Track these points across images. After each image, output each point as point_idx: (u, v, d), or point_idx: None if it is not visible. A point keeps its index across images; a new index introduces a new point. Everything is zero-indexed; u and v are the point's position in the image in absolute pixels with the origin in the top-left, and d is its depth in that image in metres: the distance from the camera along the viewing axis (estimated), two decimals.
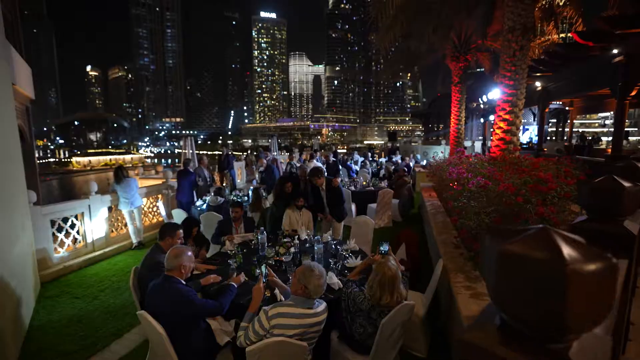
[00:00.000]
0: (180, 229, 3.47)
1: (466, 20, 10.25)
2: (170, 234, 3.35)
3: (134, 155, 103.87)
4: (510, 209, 2.97)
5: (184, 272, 2.55)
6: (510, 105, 6.93)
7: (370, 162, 13.86)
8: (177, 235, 3.38)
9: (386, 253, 2.85)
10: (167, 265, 2.52)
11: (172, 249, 2.62)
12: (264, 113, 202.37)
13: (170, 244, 3.27)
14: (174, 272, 2.51)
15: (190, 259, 2.60)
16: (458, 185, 4.39)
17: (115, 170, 6.03)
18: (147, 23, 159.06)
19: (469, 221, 3.03)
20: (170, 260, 2.51)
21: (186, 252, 2.59)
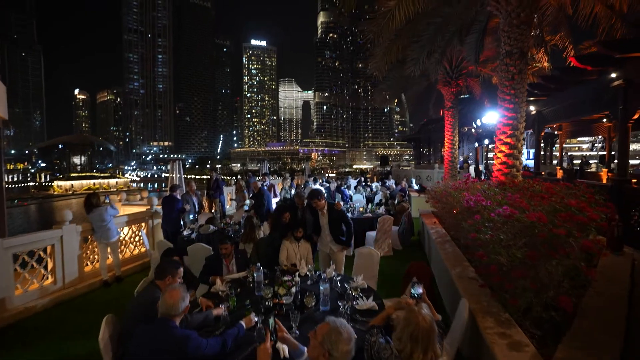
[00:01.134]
0: (182, 267, 2.99)
1: (457, 46, 10.43)
2: (172, 272, 2.86)
3: (119, 179, 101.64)
4: (546, 241, 2.61)
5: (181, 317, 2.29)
6: (511, 129, 6.80)
7: (363, 186, 13.55)
8: (179, 274, 2.91)
9: (420, 297, 2.42)
10: (169, 311, 2.18)
11: (173, 290, 2.26)
12: (254, 137, 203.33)
13: (170, 284, 2.80)
14: (175, 318, 2.21)
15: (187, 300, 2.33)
16: (472, 211, 4.05)
17: (86, 199, 5.45)
18: (138, 49, 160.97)
19: (499, 256, 2.65)
20: (173, 305, 2.18)
21: (187, 294, 2.32)
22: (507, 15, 6.62)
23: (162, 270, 2.84)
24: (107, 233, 5.43)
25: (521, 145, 6.94)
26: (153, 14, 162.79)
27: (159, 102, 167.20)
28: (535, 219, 2.68)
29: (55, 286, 4.94)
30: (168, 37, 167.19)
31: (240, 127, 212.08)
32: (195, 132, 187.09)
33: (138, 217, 6.79)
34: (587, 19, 7.58)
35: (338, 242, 4.53)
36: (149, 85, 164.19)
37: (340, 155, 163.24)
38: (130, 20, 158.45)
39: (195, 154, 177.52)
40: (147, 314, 2.41)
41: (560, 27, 8.70)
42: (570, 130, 13.00)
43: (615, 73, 6.01)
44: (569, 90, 7.97)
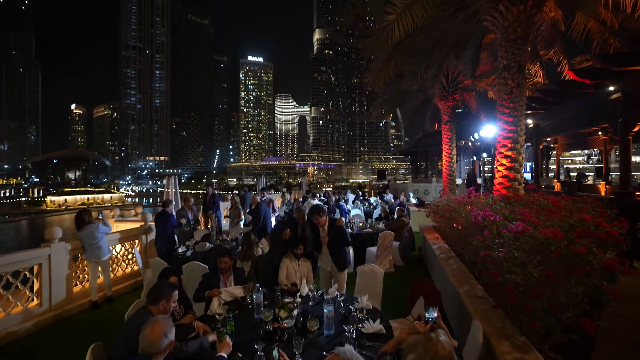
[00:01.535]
0: (177, 289, 2.78)
1: (454, 61, 10.55)
2: (167, 296, 2.63)
3: (113, 194, 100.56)
4: (562, 259, 2.47)
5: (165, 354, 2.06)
6: (511, 142, 6.76)
7: (361, 201, 13.41)
8: (174, 297, 2.69)
9: (435, 322, 2.24)
10: (150, 348, 1.98)
11: (156, 324, 2.05)
12: (250, 152, 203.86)
13: (165, 309, 2.60)
14: (157, 356, 1.99)
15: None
16: (479, 227, 3.91)
17: (77, 215, 5.22)
18: (136, 64, 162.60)
19: (514, 276, 2.49)
20: (154, 342, 1.98)
21: (172, 327, 2.11)
22: (504, 30, 6.68)
23: (155, 294, 2.64)
24: (98, 251, 5.20)
25: (522, 159, 6.89)
26: (151, 30, 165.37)
27: (156, 117, 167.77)
28: (551, 235, 2.55)
29: (41, 308, 4.66)
30: (166, 53, 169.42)
31: (236, 141, 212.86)
32: (192, 147, 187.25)
33: (131, 233, 6.56)
34: (581, 35, 7.71)
35: (335, 262, 4.35)
36: (146, 101, 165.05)
37: (337, 169, 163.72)
38: (128, 36, 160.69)
39: (191, 168, 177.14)
40: (134, 346, 2.20)
41: (555, 42, 8.83)
42: (565, 143, 13.06)
43: (613, 86, 6.03)
44: (567, 103, 8.01)
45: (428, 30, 8.14)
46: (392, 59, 8.06)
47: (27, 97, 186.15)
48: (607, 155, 10.88)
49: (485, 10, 6.93)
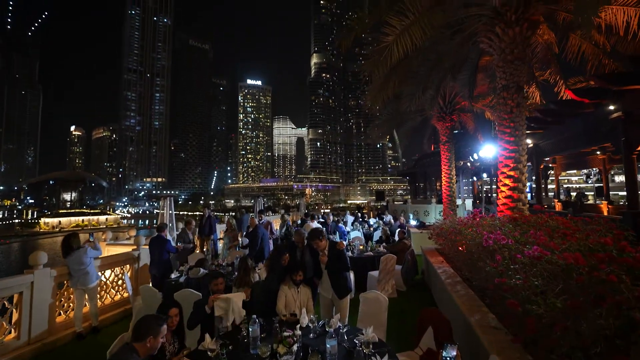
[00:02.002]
0: (165, 323, 2.52)
1: (451, 82, 10.68)
2: (155, 331, 2.36)
3: (109, 216, 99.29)
4: (587, 288, 2.26)
5: None
6: (513, 162, 6.67)
7: (360, 222, 13.14)
8: (162, 332, 2.42)
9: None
10: None
11: None
12: (248, 173, 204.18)
13: (152, 347, 2.33)
14: None
15: None
16: (489, 250, 3.71)
17: (64, 240, 4.94)
18: (136, 87, 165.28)
19: (535, 306, 2.27)
20: None
21: None
22: (501, 51, 6.75)
23: (142, 329, 2.37)
24: (85, 278, 4.89)
25: (525, 179, 6.78)
26: (153, 55, 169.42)
27: (154, 139, 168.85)
28: (572, 260, 2.35)
29: (19, 341, 4.31)
30: (166, 76, 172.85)
31: (234, 163, 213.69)
32: (190, 168, 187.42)
33: (122, 258, 6.26)
34: (575, 56, 7.83)
35: (334, 289, 4.09)
36: (145, 122, 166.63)
37: (335, 190, 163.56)
38: (130, 61, 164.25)
39: (188, 190, 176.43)
40: None
41: (550, 64, 8.95)
42: (564, 163, 13.05)
43: (613, 105, 6.02)
44: (566, 123, 8.01)
45: (425, 52, 8.23)
46: (390, 80, 8.10)
47: (27, 119, 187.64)
48: (607, 175, 10.81)
49: (482, 33, 7.03)
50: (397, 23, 5.79)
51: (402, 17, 5.79)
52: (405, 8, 5.66)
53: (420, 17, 5.72)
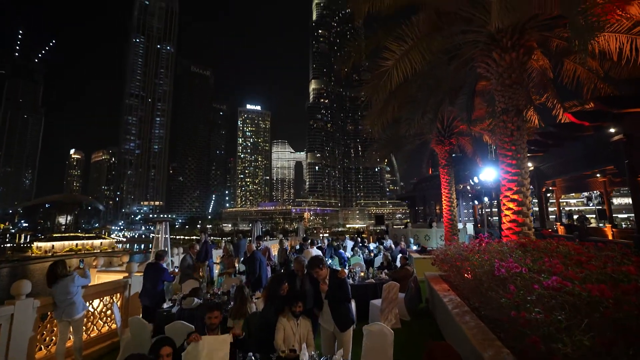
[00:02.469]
0: None
1: (449, 107, 10.79)
2: None
3: (104, 240, 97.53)
4: (615, 323, 2.06)
5: None
6: (516, 185, 6.57)
7: (360, 247, 12.83)
8: None
9: None
10: None
11: None
12: (246, 197, 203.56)
13: None
14: None
15: None
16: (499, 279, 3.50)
17: (50, 268, 4.64)
18: (137, 112, 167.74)
19: (561, 345, 2.06)
20: None
21: None
22: (499, 76, 6.82)
23: None
24: (70, 309, 4.59)
25: (529, 202, 6.65)
26: (155, 80, 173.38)
27: (153, 162, 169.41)
28: (598, 293, 2.17)
29: None
30: (167, 101, 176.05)
31: (232, 186, 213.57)
32: (188, 192, 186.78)
33: (112, 286, 5.94)
34: (571, 81, 7.95)
35: (335, 320, 3.83)
36: (144, 146, 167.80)
37: (333, 214, 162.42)
38: (132, 86, 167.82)
39: (186, 213, 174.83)
40: None
41: (547, 88, 9.08)
42: (564, 186, 12.96)
43: (614, 128, 6.01)
44: (566, 146, 8.00)
45: (424, 77, 8.34)
46: (390, 105, 8.15)
47: (27, 142, 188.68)
48: (608, 197, 10.71)
49: (479, 58, 7.14)
50: (397, 48, 5.86)
51: (401, 42, 5.87)
52: (404, 34, 5.75)
53: (419, 43, 5.81)
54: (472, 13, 6.62)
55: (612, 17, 6.16)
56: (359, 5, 6.13)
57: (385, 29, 6.58)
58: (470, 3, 6.48)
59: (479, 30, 6.80)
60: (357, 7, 6.21)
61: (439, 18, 6.44)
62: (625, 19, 6.07)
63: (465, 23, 6.85)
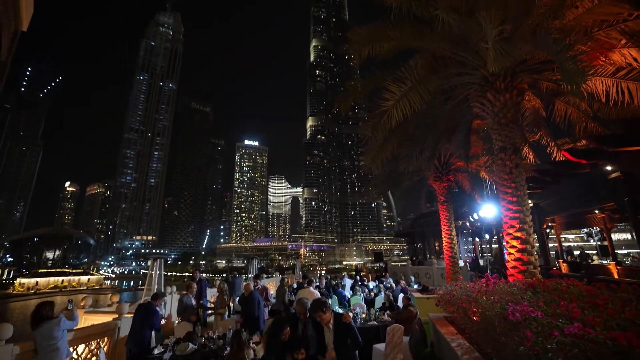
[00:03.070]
0: None
1: (445, 144, 11.03)
2: None
3: (92, 276, 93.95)
4: None
5: None
6: (519, 223, 6.52)
7: (360, 286, 12.40)
8: None
9: None
10: None
11: None
12: (241, 233, 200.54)
13: None
14: None
15: None
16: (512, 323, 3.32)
17: (36, 311, 4.34)
18: (136, 146, 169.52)
19: None
20: None
21: None
22: (494, 115, 7.03)
23: None
24: (53, 355, 4.23)
25: (533, 240, 6.57)
26: (155, 116, 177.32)
27: (149, 196, 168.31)
28: (625, 342, 2.04)
29: None
30: (167, 135, 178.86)
31: (228, 222, 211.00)
32: (182, 227, 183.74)
33: (99, 330, 5.56)
34: (563, 120, 8.25)
35: None
36: (141, 180, 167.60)
37: (330, 251, 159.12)
38: (133, 121, 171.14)
39: (179, 249, 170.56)
40: None
41: (540, 126, 9.38)
42: (564, 222, 12.92)
43: (610, 166, 6.10)
44: (564, 182, 8.09)
45: (421, 116, 8.58)
46: (389, 142, 8.31)
47: (22, 174, 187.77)
48: (609, 234, 10.64)
49: (475, 98, 7.41)
50: (396, 89, 6.09)
51: (400, 84, 6.10)
52: (404, 76, 6.00)
53: (417, 84, 6.04)
54: (465, 57, 6.99)
55: (597, 63, 6.55)
56: (359, 49, 6.45)
57: (385, 71, 6.88)
58: (463, 48, 6.86)
59: (473, 73, 7.13)
60: (357, 51, 6.52)
61: (436, 61, 6.77)
62: (609, 64, 6.45)
63: (459, 66, 7.20)
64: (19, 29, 5.24)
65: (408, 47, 6.77)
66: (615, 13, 5.79)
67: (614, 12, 5.79)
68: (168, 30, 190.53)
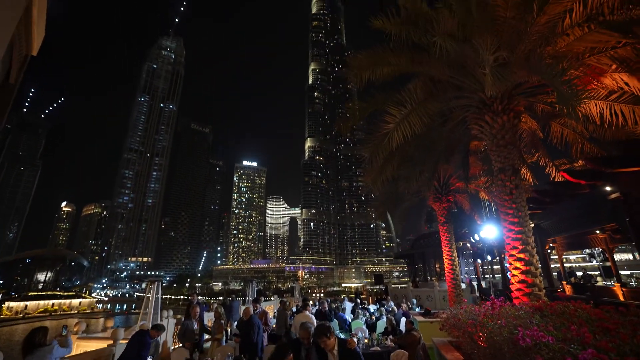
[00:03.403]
0: None
1: (444, 165, 11.13)
2: None
3: (83, 299, 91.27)
4: None
5: None
6: (521, 244, 6.49)
7: (361, 310, 12.12)
8: None
9: None
10: None
11: None
12: (238, 254, 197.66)
13: None
14: None
15: None
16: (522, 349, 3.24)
17: (28, 337, 4.17)
18: (135, 166, 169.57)
19: None
20: None
21: None
22: (493, 137, 7.15)
23: None
24: None
25: (536, 261, 6.51)
26: (155, 136, 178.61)
27: (146, 217, 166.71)
28: None
29: None
30: (165, 156, 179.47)
31: (225, 243, 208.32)
32: (178, 248, 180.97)
33: (94, 357, 5.37)
34: (560, 141, 8.40)
35: None
36: (138, 200, 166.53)
37: (328, 272, 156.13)
38: (132, 141, 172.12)
39: (175, 270, 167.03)
40: None
41: (537, 147, 9.53)
42: (565, 243, 12.84)
43: (610, 187, 6.16)
44: (564, 203, 8.11)
45: (421, 138, 8.71)
46: (389, 163, 8.40)
47: (18, 194, 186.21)
48: (612, 254, 10.56)
49: (473, 120, 7.56)
50: (397, 112, 6.22)
51: (401, 107, 6.24)
52: (404, 99, 6.15)
53: (417, 107, 6.19)
54: (462, 81, 7.19)
55: (590, 87, 6.76)
56: (360, 73, 6.64)
57: (385, 95, 7.04)
58: (460, 72, 7.07)
59: (470, 96, 7.31)
60: (358, 75, 6.71)
61: (434, 85, 6.96)
62: (601, 88, 6.66)
63: (457, 90, 7.40)
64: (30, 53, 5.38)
65: (407, 71, 6.99)
66: (605, 41, 6.03)
67: (603, 40, 6.03)
68: (170, 53, 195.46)
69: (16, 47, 4.92)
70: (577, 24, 6.07)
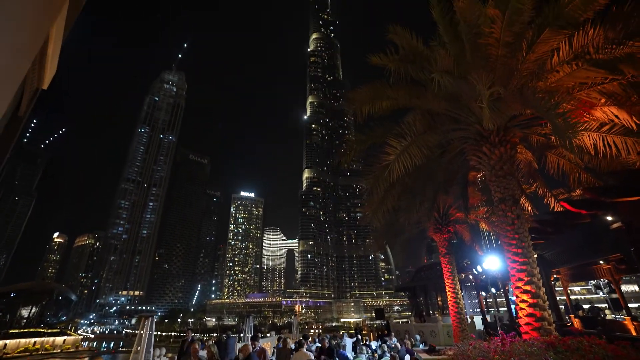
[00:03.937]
0: None
1: (443, 195, 11.19)
2: None
3: (68, 337, 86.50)
4: None
5: None
6: (527, 275, 6.39)
7: (362, 346, 11.55)
8: None
9: None
10: None
11: None
12: (233, 287, 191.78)
13: None
14: None
15: None
16: None
17: None
18: (131, 196, 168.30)
19: None
20: None
21: None
22: (491, 168, 7.27)
23: None
24: None
25: (543, 293, 6.37)
26: (153, 167, 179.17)
27: (140, 248, 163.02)
28: None
29: None
30: (163, 186, 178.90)
31: (220, 275, 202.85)
32: (172, 281, 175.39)
33: None
34: (556, 172, 8.56)
35: None
36: (133, 231, 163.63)
37: (326, 307, 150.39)
38: (130, 172, 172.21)
39: (167, 305, 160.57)
40: None
41: (535, 178, 9.67)
42: (570, 274, 12.59)
43: (611, 216, 6.17)
44: (567, 233, 8.09)
45: (420, 170, 8.84)
46: (390, 195, 8.46)
47: (10, 225, 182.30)
48: (618, 286, 10.33)
49: (471, 152, 7.72)
50: (397, 144, 6.37)
51: (401, 139, 6.40)
52: (403, 132, 6.33)
53: (417, 139, 6.35)
54: (458, 114, 7.44)
55: (582, 119, 7.00)
56: (360, 107, 6.86)
57: (385, 127, 7.24)
58: (456, 106, 7.33)
59: (467, 128, 7.53)
60: (358, 109, 6.94)
61: (432, 118, 7.18)
62: (593, 120, 6.90)
63: (454, 122, 7.63)
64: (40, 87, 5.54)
65: (405, 105, 7.24)
66: (592, 77, 6.36)
67: (591, 76, 6.35)
68: (172, 87, 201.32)
69: (28, 81, 5.08)
70: (565, 62, 6.42)
